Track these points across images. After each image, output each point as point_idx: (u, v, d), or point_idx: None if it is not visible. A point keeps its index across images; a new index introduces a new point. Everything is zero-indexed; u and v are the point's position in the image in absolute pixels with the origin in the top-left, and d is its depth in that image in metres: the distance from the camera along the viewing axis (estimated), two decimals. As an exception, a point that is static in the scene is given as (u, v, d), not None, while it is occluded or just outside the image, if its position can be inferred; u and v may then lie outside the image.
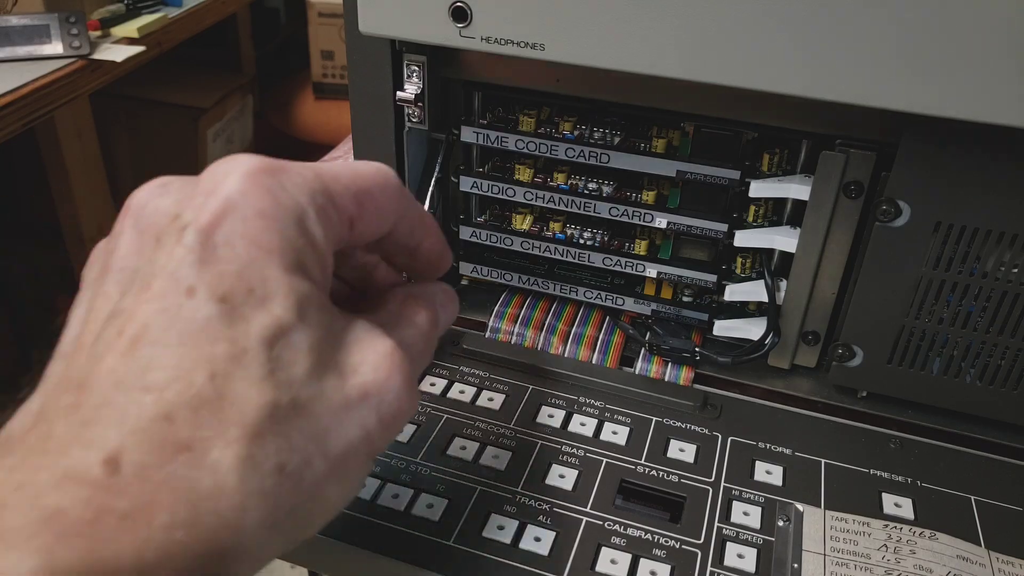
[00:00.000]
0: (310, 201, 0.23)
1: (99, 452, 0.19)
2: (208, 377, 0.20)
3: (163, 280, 0.21)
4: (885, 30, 0.27)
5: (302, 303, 0.22)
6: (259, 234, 0.22)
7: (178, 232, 0.22)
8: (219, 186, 0.22)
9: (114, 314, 0.22)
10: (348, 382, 0.23)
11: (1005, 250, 0.33)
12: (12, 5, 0.99)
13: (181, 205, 0.23)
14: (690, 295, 0.41)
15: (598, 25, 0.30)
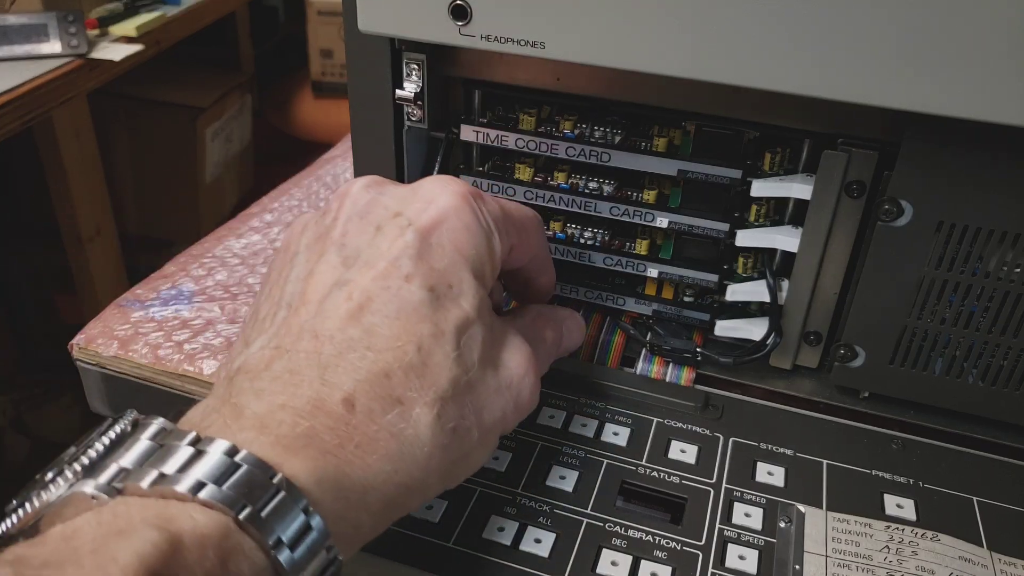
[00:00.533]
0: (496, 226, 0.29)
1: (339, 392, 0.24)
2: (416, 348, 0.26)
3: (386, 263, 0.27)
4: (887, 28, 0.27)
5: (481, 304, 0.28)
6: (463, 244, 0.28)
7: (400, 228, 0.28)
8: (438, 198, 0.28)
9: (341, 283, 0.27)
10: (500, 373, 0.28)
11: (1008, 250, 0.33)
12: (10, 4, 0.99)
13: (401, 205, 0.28)
14: (691, 295, 0.41)
15: (599, 23, 0.30)
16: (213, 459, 0.22)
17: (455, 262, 0.28)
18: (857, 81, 0.28)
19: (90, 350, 0.43)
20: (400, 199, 0.29)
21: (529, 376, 0.29)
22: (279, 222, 0.55)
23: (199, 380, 0.41)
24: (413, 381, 0.25)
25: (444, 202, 0.28)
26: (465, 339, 0.27)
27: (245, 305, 0.46)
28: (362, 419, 0.24)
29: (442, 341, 0.26)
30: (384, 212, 0.29)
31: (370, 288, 0.26)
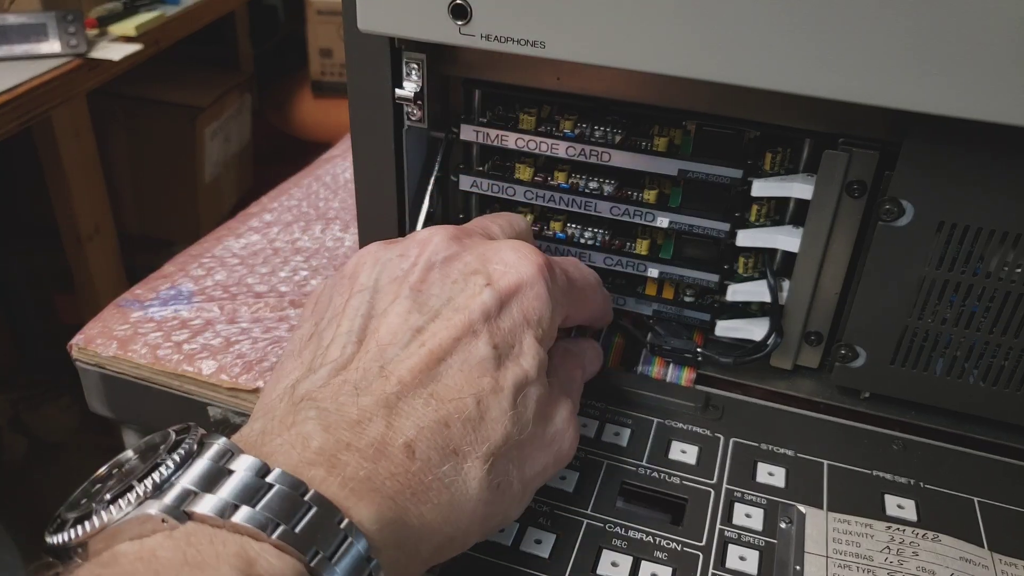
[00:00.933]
0: (559, 299, 0.31)
1: (402, 437, 0.25)
2: (476, 402, 0.27)
3: (462, 318, 0.28)
4: (888, 28, 0.27)
5: (540, 366, 0.29)
6: (531, 311, 0.29)
7: (479, 286, 0.29)
8: (518, 266, 0.30)
9: (417, 329, 0.28)
10: (548, 429, 0.29)
11: (1008, 250, 0.32)
12: (9, 3, 0.99)
13: (482, 264, 0.30)
14: (692, 295, 0.41)
15: (599, 22, 0.30)
16: (282, 495, 0.22)
17: (521, 326, 0.29)
18: (858, 81, 0.28)
19: (89, 350, 0.43)
20: (481, 258, 0.30)
21: (571, 429, 0.30)
22: (278, 222, 0.55)
23: (198, 380, 0.41)
24: (470, 434, 0.26)
25: (523, 270, 0.30)
26: (522, 397, 0.28)
27: (244, 305, 0.46)
28: (421, 467, 0.25)
29: (500, 397, 0.27)
30: (464, 268, 0.30)
31: (444, 339, 0.27)
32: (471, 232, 0.32)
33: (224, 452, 0.23)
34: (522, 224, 0.36)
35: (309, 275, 0.49)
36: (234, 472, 0.22)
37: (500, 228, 0.34)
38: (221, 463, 0.23)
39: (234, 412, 0.41)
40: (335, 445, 0.24)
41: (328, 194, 0.59)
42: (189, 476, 0.22)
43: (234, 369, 0.41)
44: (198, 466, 0.23)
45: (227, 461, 0.23)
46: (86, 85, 1.02)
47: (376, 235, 0.42)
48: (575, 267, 0.34)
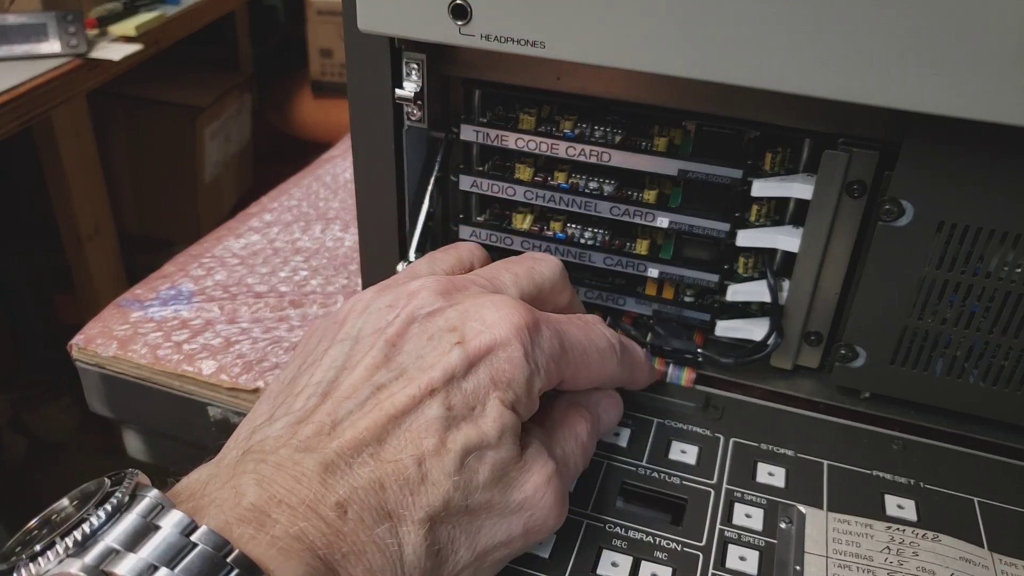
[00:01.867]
0: (545, 364, 0.29)
1: (334, 496, 0.24)
2: (416, 462, 0.26)
3: (424, 379, 0.27)
4: (889, 28, 0.27)
5: (503, 431, 0.27)
6: (501, 375, 0.28)
7: (448, 344, 0.28)
8: (494, 326, 0.28)
9: (378, 386, 0.27)
10: (511, 496, 0.27)
11: (1008, 250, 0.32)
12: (10, 3, 0.99)
13: (461, 321, 0.28)
14: (692, 295, 0.41)
15: (599, 23, 0.30)
16: (204, 556, 0.21)
17: (487, 389, 0.27)
18: (858, 81, 0.28)
19: (89, 350, 0.43)
20: (463, 314, 0.29)
21: (548, 497, 0.28)
22: (278, 222, 0.55)
23: (198, 380, 0.41)
24: (406, 497, 0.25)
25: (499, 331, 0.28)
26: (471, 460, 0.26)
27: (244, 305, 0.46)
28: (353, 527, 0.24)
29: (444, 459, 0.26)
30: (443, 324, 0.28)
31: (401, 400, 0.26)
32: (466, 285, 0.31)
33: (154, 507, 0.22)
34: (547, 273, 0.33)
35: (309, 275, 0.49)
36: (160, 529, 0.22)
37: (514, 278, 0.32)
38: (149, 518, 0.22)
39: (234, 412, 0.41)
40: (268, 501, 0.23)
41: (328, 194, 0.59)
42: (114, 533, 0.21)
43: (234, 369, 0.41)
44: (125, 522, 0.22)
45: (156, 516, 0.22)
46: (86, 85, 1.02)
47: (376, 235, 0.42)
48: (583, 329, 0.31)
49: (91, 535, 0.21)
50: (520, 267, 0.33)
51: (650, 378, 0.37)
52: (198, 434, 0.43)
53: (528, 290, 0.32)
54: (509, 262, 0.33)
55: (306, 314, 0.45)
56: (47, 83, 0.94)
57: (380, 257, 0.42)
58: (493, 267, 0.33)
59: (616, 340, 0.32)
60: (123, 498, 0.22)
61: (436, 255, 0.34)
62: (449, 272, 0.33)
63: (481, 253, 0.35)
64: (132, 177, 1.46)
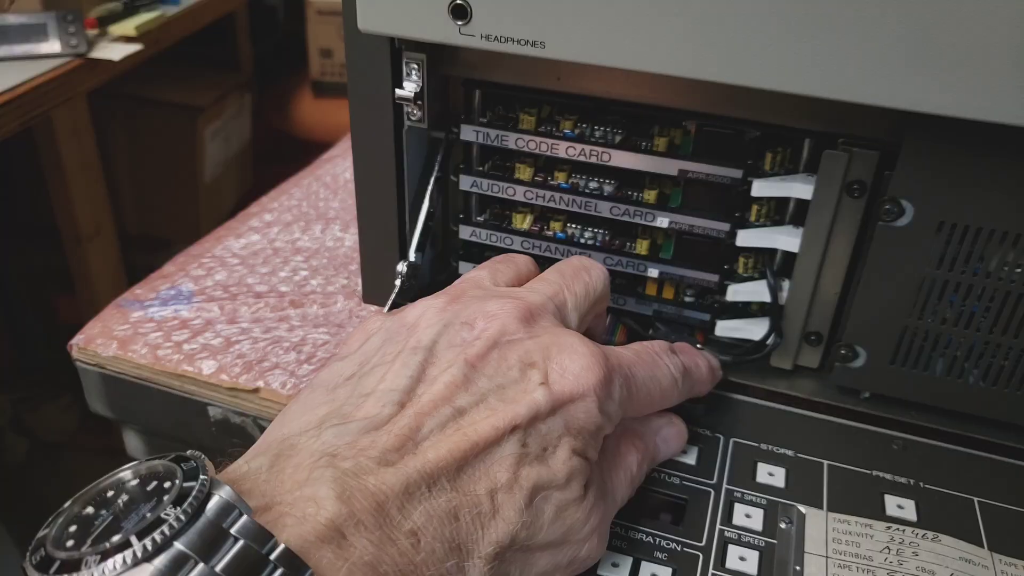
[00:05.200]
0: (614, 413, 0.29)
1: (409, 523, 0.24)
2: (489, 496, 0.25)
3: (509, 412, 0.27)
4: (888, 28, 0.27)
5: (572, 474, 0.27)
6: (574, 423, 0.28)
7: (534, 383, 0.28)
8: (579, 376, 0.28)
9: (459, 410, 0.26)
10: (568, 535, 0.27)
11: (1008, 250, 0.32)
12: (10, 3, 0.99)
13: (543, 357, 0.28)
14: (692, 295, 0.41)
15: (599, 23, 0.30)
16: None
17: (560, 434, 0.27)
18: (858, 81, 0.28)
19: (89, 350, 0.43)
20: (544, 350, 0.29)
21: (594, 539, 0.28)
22: (278, 222, 0.55)
23: (198, 380, 0.41)
24: (477, 531, 0.25)
25: (582, 382, 0.28)
26: (539, 500, 0.26)
27: (244, 305, 0.46)
28: (424, 558, 0.24)
29: (515, 495, 0.26)
30: (524, 356, 0.28)
31: (484, 430, 0.26)
32: (543, 312, 0.30)
33: (228, 508, 0.21)
34: (599, 286, 0.34)
35: (309, 275, 0.49)
36: (237, 541, 0.21)
37: (574, 300, 0.32)
38: (224, 523, 0.21)
39: (234, 412, 0.41)
40: (347, 520, 0.22)
41: (328, 194, 0.59)
42: (188, 536, 0.20)
43: (234, 369, 0.41)
44: (200, 525, 0.21)
45: (231, 521, 0.21)
46: (86, 85, 1.02)
47: (377, 235, 0.42)
48: (649, 367, 0.31)
49: (169, 539, 0.20)
50: (577, 283, 0.33)
51: (713, 383, 0.36)
52: (198, 434, 0.43)
53: (585, 310, 0.33)
54: (564, 275, 0.33)
55: (306, 314, 0.45)
56: (47, 83, 0.94)
57: (380, 257, 0.42)
58: (553, 282, 0.33)
59: (680, 373, 0.32)
60: (203, 493, 0.21)
61: (497, 266, 0.34)
62: (508, 285, 0.33)
63: (534, 266, 0.35)
64: (132, 177, 1.46)
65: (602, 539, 0.29)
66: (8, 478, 1.22)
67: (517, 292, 0.31)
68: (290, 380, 0.41)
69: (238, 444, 0.42)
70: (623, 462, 0.31)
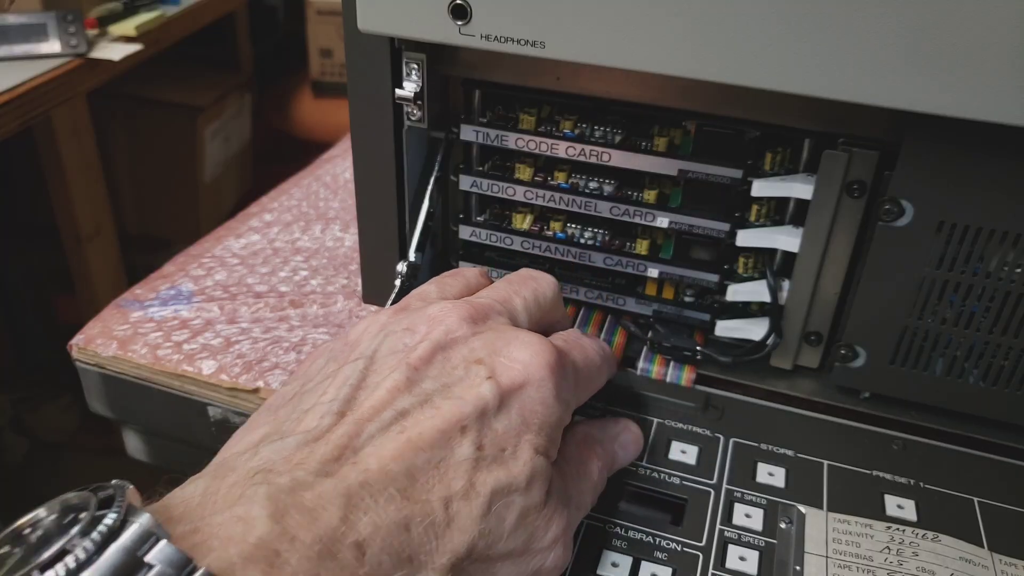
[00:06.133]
0: (571, 400, 0.29)
1: (354, 535, 0.22)
2: (443, 504, 0.24)
3: (453, 409, 0.25)
4: (888, 28, 0.27)
5: (534, 476, 0.26)
6: (532, 416, 0.27)
7: (480, 378, 0.27)
8: (528, 363, 0.27)
9: (401, 412, 0.25)
10: (530, 544, 0.27)
11: (1008, 250, 0.32)
12: (9, 3, 0.99)
13: (488, 353, 0.27)
14: (692, 295, 0.41)
15: (599, 23, 0.30)
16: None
17: (517, 430, 0.26)
18: (858, 81, 0.28)
19: (89, 350, 0.43)
20: (489, 345, 0.28)
21: (558, 548, 0.27)
22: (278, 222, 0.55)
23: (198, 380, 0.41)
24: (431, 541, 0.24)
25: (533, 369, 0.27)
26: (500, 506, 0.25)
27: (244, 305, 0.46)
28: (369, 571, 0.22)
29: (473, 503, 0.25)
30: (469, 354, 0.27)
31: (427, 429, 0.25)
32: (488, 313, 0.30)
33: (145, 536, 0.20)
34: (549, 293, 0.33)
35: (309, 275, 0.49)
36: (149, 567, 0.19)
37: (523, 303, 0.32)
38: (140, 552, 0.20)
39: (234, 412, 0.41)
40: (279, 537, 0.21)
41: (328, 194, 0.59)
42: (97, 567, 0.19)
43: (234, 369, 0.41)
44: (110, 554, 0.19)
45: (147, 549, 0.20)
46: (86, 85, 1.02)
47: (376, 235, 0.42)
48: (581, 350, 0.31)
49: (75, 571, 0.19)
50: (526, 289, 0.32)
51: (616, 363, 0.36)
52: (198, 434, 0.43)
53: (535, 315, 0.32)
54: (512, 282, 0.33)
55: (306, 314, 0.45)
56: (47, 83, 0.94)
57: (380, 257, 0.42)
58: (500, 288, 0.32)
59: (607, 349, 0.33)
60: (114, 524, 0.20)
61: (445, 280, 0.34)
62: (458, 297, 0.32)
63: (486, 279, 0.35)
64: (132, 177, 1.46)
65: (567, 548, 0.28)
66: (8, 478, 1.22)
67: (463, 298, 0.31)
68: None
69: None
70: (584, 470, 0.30)
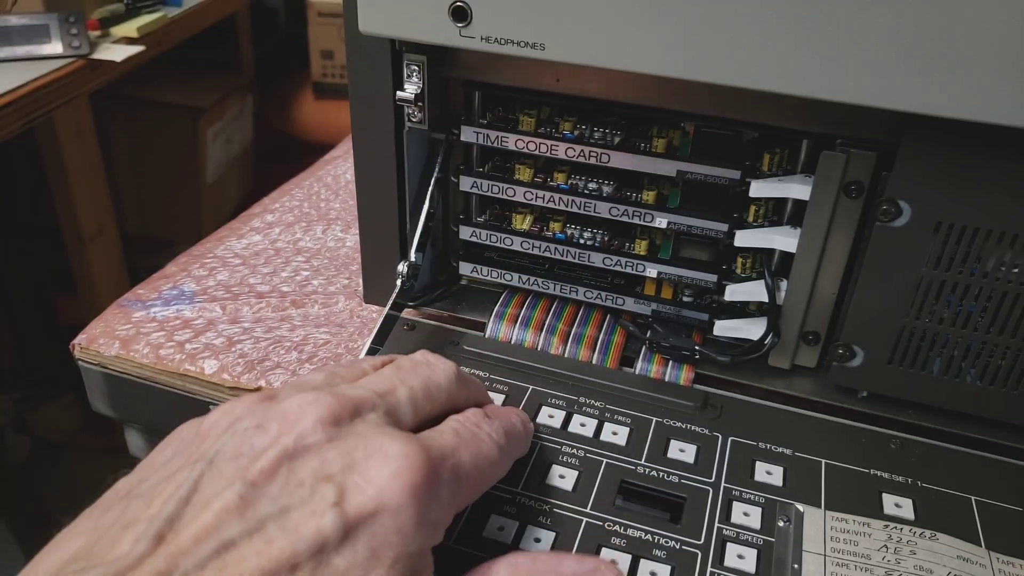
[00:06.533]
0: (443, 517, 0.25)
1: None
2: None
3: (284, 546, 0.22)
4: (886, 30, 0.27)
5: None
6: (384, 547, 0.23)
7: (324, 503, 0.23)
8: (384, 487, 0.23)
9: (226, 546, 0.22)
10: None
11: (1006, 250, 0.33)
12: (12, 5, 0.99)
13: (341, 468, 0.24)
14: (690, 295, 0.41)
15: (598, 25, 0.30)
16: None
17: (364, 566, 0.23)
18: (856, 82, 0.29)
19: (92, 350, 0.43)
20: (344, 457, 0.24)
21: None
22: (280, 222, 0.55)
23: (200, 380, 0.41)
24: None
25: (390, 493, 0.23)
26: None
27: (246, 305, 0.46)
28: None
29: None
30: (318, 468, 0.24)
31: (250, 570, 0.22)
32: (360, 409, 0.26)
33: None
34: (443, 381, 0.29)
35: (311, 275, 0.49)
36: None
37: (409, 394, 0.28)
38: None
39: (236, 411, 0.42)
40: None
41: (329, 195, 0.59)
42: None
43: (236, 368, 0.41)
44: None
45: None
46: (88, 86, 1.02)
47: (377, 235, 0.42)
48: (473, 445, 0.27)
49: None
50: (415, 378, 0.29)
51: (529, 439, 0.33)
52: (200, 433, 0.43)
53: (424, 407, 0.28)
54: (402, 368, 0.29)
55: (308, 314, 0.46)
56: (49, 84, 0.95)
57: (381, 257, 0.42)
58: (386, 376, 0.29)
59: (503, 439, 0.29)
60: None
61: (338, 369, 0.30)
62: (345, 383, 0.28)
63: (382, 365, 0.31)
64: (134, 178, 1.47)
65: None
66: (9, 478, 1.22)
67: (338, 388, 0.27)
68: (292, 380, 0.41)
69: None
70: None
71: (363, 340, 0.43)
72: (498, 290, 0.44)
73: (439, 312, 0.43)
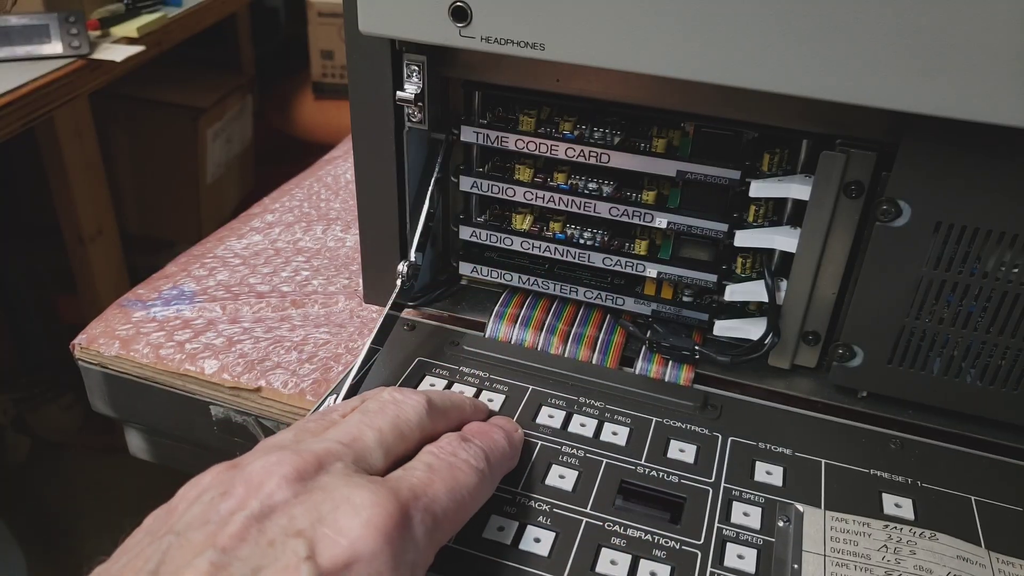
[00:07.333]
0: (420, 558, 0.25)
1: None
2: None
3: None
4: (886, 30, 0.27)
5: None
6: None
7: (296, 557, 0.22)
8: (356, 537, 0.23)
9: None
10: None
11: (1005, 250, 0.33)
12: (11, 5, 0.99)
13: (311, 522, 0.23)
14: (690, 295, 0.41)
15: (598, 25, 0.30)
16: None
17: None
18: (856, 82, 0.29)
19: (92, 350, 0.43)
20: (313, 512, 0.24)
21: None
22: (280, 222, 0.55)
23: (200, 379, 0.41)
24: None
25: (362, 543, 0.23)
26: None
27: (246, 305, 0.46)
28: None
29: None
30: (288, 525, 0.23)
31: None
32: (324, 462, 0.26)
33: None
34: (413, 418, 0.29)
35: (311, 275, 0.49)
36: None
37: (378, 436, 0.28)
38: None
39: (236, 411, 0.42)
40: None
41: (329, 195, 0.59)
42: None
43: (236, 368, 0.41)
44: None
45: None
46: (88, 86, 1.02)
47: (377, 235, 0.42)
48: (450, 478, 0.27)
49: None
50: (382, 418, 0.29)
51: (517, 451, 0.33)
52: (200, 433, 0.43)
53: (396, 447, 0.28)
54: (368, 412, 0.29)
55: (308, 314, 0.46)
56: (49, 84, 0.94)
57: (381, 257, 0.42)
58: (351, 423, 0.29)
59: (483, 463, 0.29)
60: None
61: (307, 423, 0.30)
62: None
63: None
64: (134, 178, 1.47)
65: None
66: (9, 478, 1.22)
67: (302, 444, 0.27)
68: (292, 379, 0.41)
69: (240, 443, 0.42)
70: None
71: (363, 340, 0.43)
72: (498, 290, 0.44)
73: (439, 312, 0.43)
